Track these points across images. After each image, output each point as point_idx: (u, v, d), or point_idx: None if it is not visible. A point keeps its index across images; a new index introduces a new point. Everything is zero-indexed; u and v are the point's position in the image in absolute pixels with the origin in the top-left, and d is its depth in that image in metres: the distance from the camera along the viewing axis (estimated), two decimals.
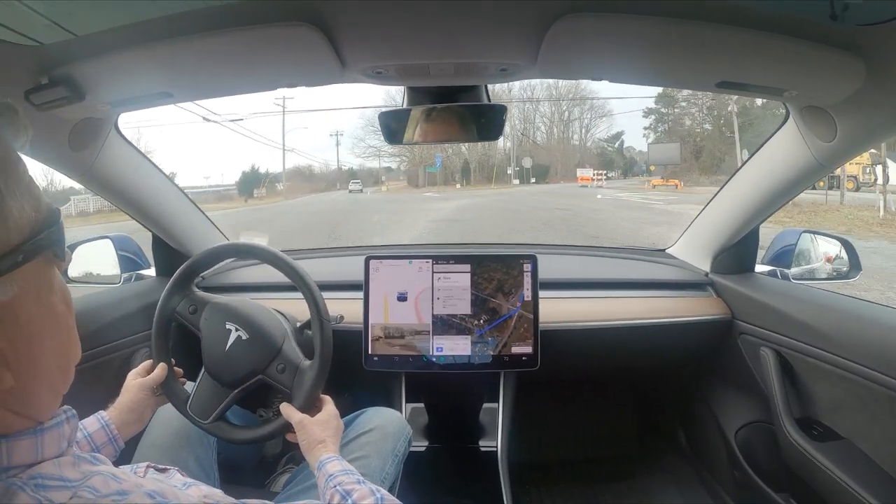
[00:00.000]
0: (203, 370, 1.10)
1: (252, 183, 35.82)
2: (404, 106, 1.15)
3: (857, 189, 19.60)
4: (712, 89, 1.01)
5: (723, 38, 0.82)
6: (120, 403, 1.02)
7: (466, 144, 31.54)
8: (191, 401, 1.09)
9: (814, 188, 17.62)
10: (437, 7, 0.79)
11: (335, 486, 0.84)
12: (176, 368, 1.12)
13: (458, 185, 36.13)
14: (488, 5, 0.79)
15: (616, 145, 41.80)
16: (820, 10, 0.76)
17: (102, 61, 0.87)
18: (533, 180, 36.29)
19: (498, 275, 1.44)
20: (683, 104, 36.32)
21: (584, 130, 43.04)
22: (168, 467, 0.93)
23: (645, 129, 39.65)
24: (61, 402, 0.52)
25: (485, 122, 1.16)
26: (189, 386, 1.15)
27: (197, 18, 0.81)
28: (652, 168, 35.15)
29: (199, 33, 0.82)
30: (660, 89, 34.76)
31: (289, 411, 1.01)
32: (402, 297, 1.45)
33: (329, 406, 1.05)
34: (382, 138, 1.23)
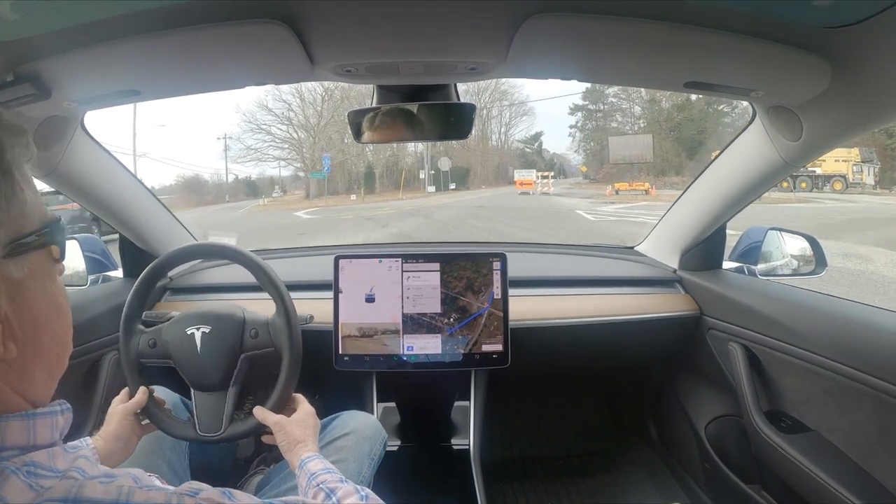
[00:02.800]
0: (193, 391, 1.04)
1: None
2: (374, 104, 1.10)
3: (846, 189, 17.70)
4: (680, 89, 0.99)
5: (691, 39, 0.80)
6: (105, 433, 0.96)
7: (371, 148, 25.25)
8: (197, 424, 1.03)
9: (794, 189, 16.43)
10: (407, 6, 0.76)
11: (318, 485, 0.81)
12: (156, 397, 1.06)
13: (353, 197, 26.58)
14: (458, 4, 0.76)
15: (535, 146, 36.34)
16: (787, 13, 0.74)
17: (69, 58, 0.82)
18: (452, 186, 28.65)
19: (467, 273, 1.39)
20: (613, 100, 31.68)
21: (503, 129, 35.70)
22: (149, 474, 0.87)
23: (571, 127, 35.34)
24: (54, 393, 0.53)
25: (454, 120, 1.12)
26: (166, 396, 1.11)
27: (165, 15, 0.76)
28: (583, 168, 31.50)
29: (168, 30, 0.78)
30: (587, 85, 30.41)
31: (263, 414, 0.98)
32: (371, 297, 1.39)
33: (304, 404, 1.02)
34: (263, 138, 1.11)
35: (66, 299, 0.54)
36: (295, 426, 0.95)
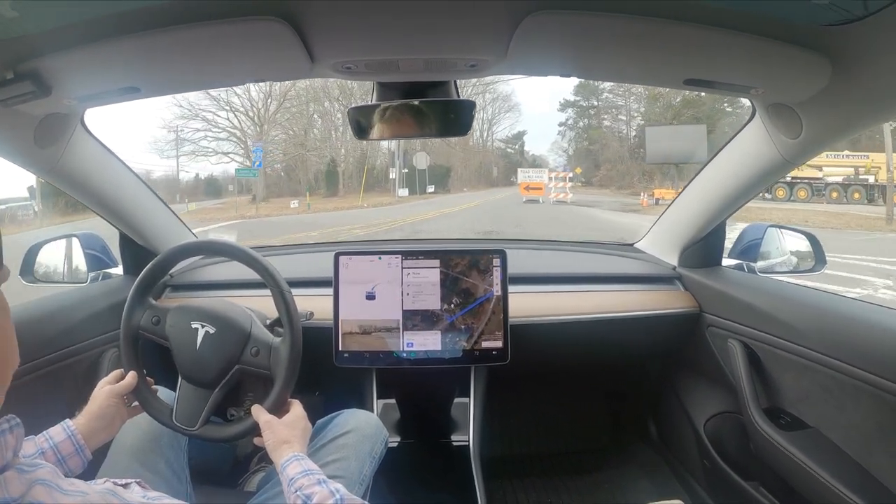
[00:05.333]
0: (180, 378, 1.04)
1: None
2: (373, 101, 1.10)
3: None
4: (680, 86, 0.99)
5: (690, 36, 0.80)
6: (88, 411, 0.96)
7: (335, 139, 23.86)
8: (175, 412, 1.03)
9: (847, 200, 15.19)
10: (408, 3, 0.76)
11: (296, 492, 0.81)
12: (147, 378, 1.06)
13: (294, 203, 20.41)
14: (458, 2, 0.76)
15: (517, 146, 32.88)
16: (787, 10, 0.74)
17: (69, 56, 0.82)
18: (431, 189, 23.54)
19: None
20: (609, 95, 28.43)
21: (486, 126, 31.32)
22: (129, 481, 0.86)
23: (560, 125, 30.93)
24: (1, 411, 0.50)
25: (454, 117, 1.12)
26: (163, 394, 1.09)
27: (165, 12, 0.76)
28: (578, 170, 27.29)
29: (168, 27, 0.77)
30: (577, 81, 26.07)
31: (258, 412, 0.98)
32: (371, 294, 1.39)
33: (297, 408, 1.01)
34: (198, 127, 1.07)
35: (4, 312, 0.50)
36: (283, 427, 0.95)
